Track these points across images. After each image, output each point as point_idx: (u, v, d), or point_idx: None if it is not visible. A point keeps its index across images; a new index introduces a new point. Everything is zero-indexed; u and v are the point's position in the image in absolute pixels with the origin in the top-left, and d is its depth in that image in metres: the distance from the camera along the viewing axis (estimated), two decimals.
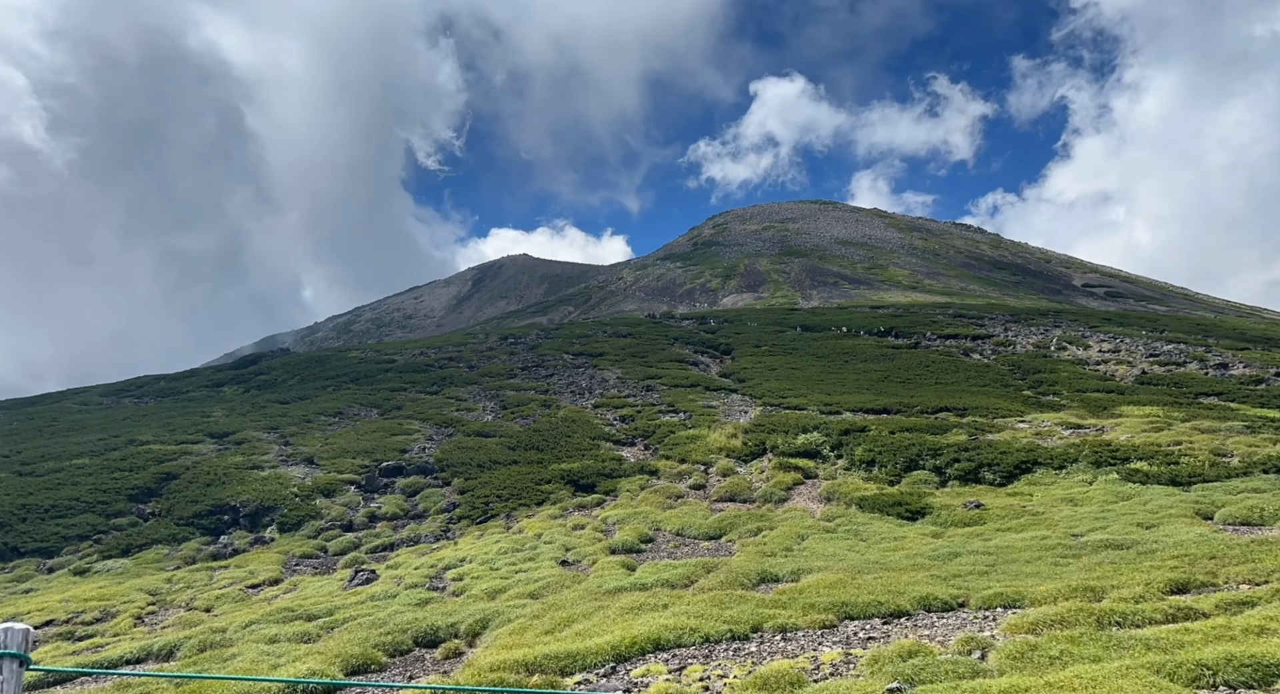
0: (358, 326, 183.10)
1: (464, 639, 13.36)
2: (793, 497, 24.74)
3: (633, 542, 20.54)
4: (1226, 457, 23.03)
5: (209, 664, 13.31)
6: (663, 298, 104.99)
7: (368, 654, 12.36)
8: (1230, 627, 8.31)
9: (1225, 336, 50.87)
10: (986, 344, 49.46)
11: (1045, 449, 25.33)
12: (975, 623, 10.35)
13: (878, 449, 26.87)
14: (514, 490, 26.96)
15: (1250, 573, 11.36)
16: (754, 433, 30.78)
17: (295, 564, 22.84)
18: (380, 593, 17.87)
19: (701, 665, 9.42)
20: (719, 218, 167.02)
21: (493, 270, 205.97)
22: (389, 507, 26.84)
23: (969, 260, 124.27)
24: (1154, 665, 7.10)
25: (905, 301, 75.50)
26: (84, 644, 16.59)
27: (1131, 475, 21.99)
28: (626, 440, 32.94)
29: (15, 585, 22.26)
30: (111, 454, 32.23)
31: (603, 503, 25.46)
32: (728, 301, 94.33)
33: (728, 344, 52.79)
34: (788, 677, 8.13)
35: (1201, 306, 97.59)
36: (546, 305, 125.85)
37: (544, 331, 61.82)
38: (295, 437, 34.42)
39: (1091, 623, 9.10)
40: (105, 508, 27.05)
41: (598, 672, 9.63)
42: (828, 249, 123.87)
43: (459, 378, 45.62)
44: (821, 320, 60.01)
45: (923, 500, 22.14)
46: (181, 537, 25.34)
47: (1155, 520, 17.52)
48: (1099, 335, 50.93)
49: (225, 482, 28.74)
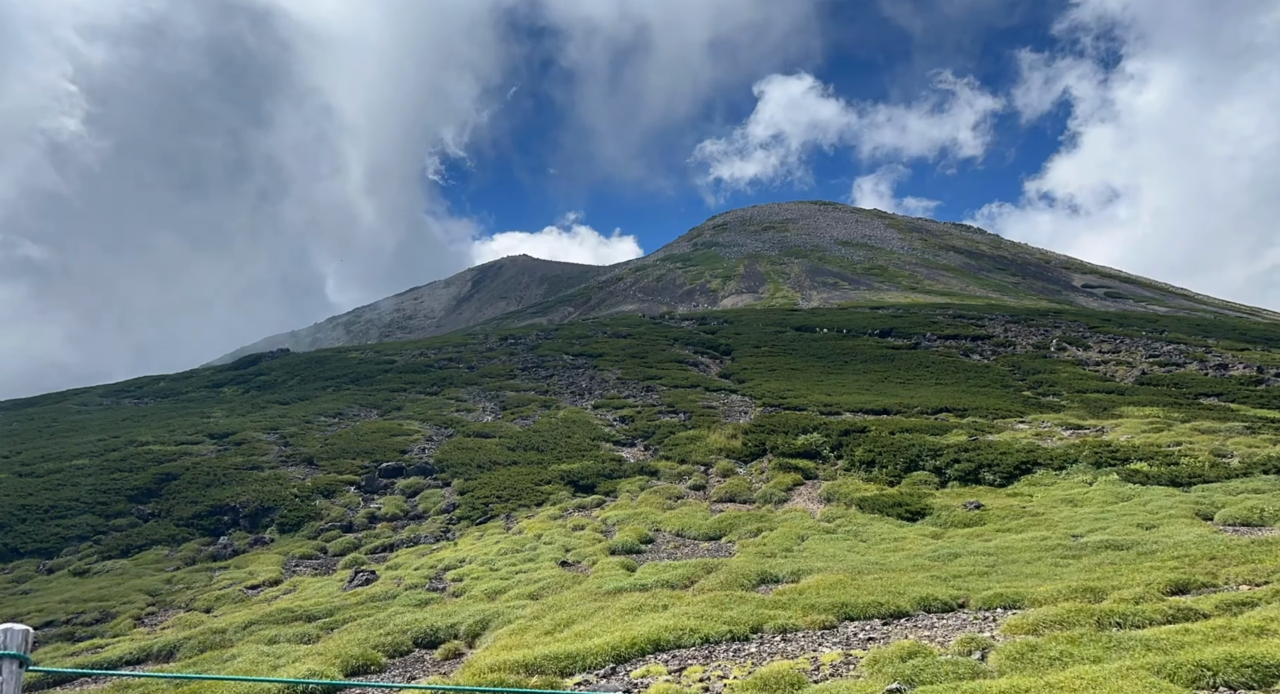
0: (357, 327, 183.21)
1: (464, 640, 13.35)
2: (793, 497, 24.74)
3: (633, 542, 20.53)
4: (1226, 457, 23.02)
5: (209, 665, 13.31)
6: (663, 298, 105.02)
7: (367, 655, 12.36)
8: (1230, 627, 8.30)
9: (1225, 337, 50.87)
10: (986, 345, 49.46)
11: (1045, 450, 25.33)
12: (975, 624, 10.35)
13: (878, 450, 26.87)
14: (514, 491, 26.95)
15: (1250, 573, 11.36)
16: (754, 433, 30.78)
17: (295, 565, 22.83)
18: (380, 593, 17.87)
19: (701, 666, 9.42)
20: (719, 218, 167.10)
21: (492, 271, 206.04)
22: (389, 507, 26.84)
23: (969, 261, 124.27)
24: (1154, 666, 7.09)
25: (905, 302, 75.51)
26: (84, 645, 16.59)
27: (1131, 476, 21.99)
28: (626, 441, 32.94)
29: (15, 586, 22.25)
30: (111, 455, 32.22)
31: (603, 503, 25.45)
32: (728, 302, 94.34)
33: (728, 345, 52.78)
34: (788, 677, 8.13)
35: (1202, 306, 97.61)
36: (546, 306, 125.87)
37: (544, 332, 61.83)
38: (295, 437, 34.41)
39: (1091, 624, 9.10)
40: (105, 509, 27.04)
41: (598, 672, 9.63)
42: (828, 250, 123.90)
43: (459, 378, 45.62)
44: (821, 321, 60.01)
45: (923, 501, 22.14)
46: (181, 537, 25.33)
47: (1155, 521, 17.51)
48: (1099, 336, 50.94)
49: (225, 482, 28.73)
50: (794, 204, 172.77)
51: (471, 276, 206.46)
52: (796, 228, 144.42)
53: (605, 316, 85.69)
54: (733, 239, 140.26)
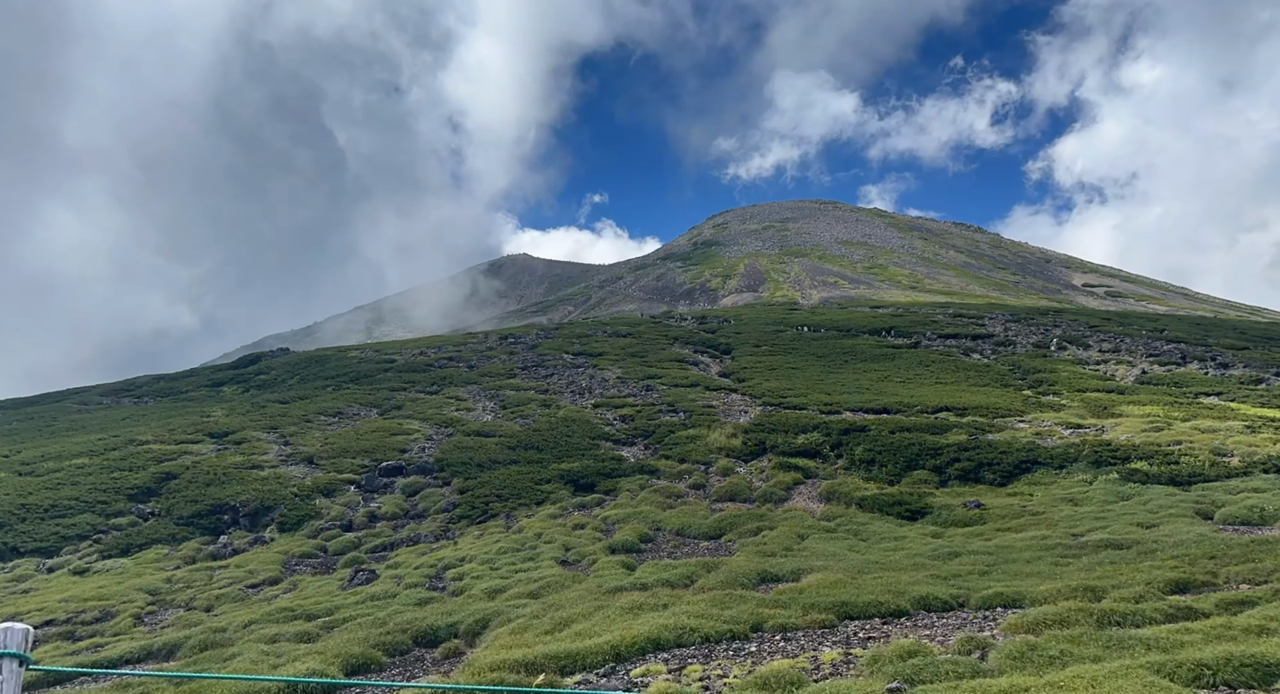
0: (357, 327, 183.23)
1: (464, 639, 13.35)
2: (793, 496, 24.74)
3: (633, 541, 20.54)
4: (1226, 456, 23.03)
5: (209, 664, 13.31)
6: (663, 297, 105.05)
7: (368, 654, 12.36)
8: (1230, 626, 8.31)
9: (1225, 336, 50.88)
10: (986, 344, 49.46)
11: (1045, 449, 25.34)
12: (975, 623, 10.36)
13: (878, 449, 26.88)
14: (514, 490, 26.95)
15: (1250, 573, 11.37)
16: (754, 432, 30.78)
17: (295, 564, 22.83)
18: (380, 592, 17.87)
19: (701, 665, 9.42)
20: (719, 217, 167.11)
21: (493, 270, 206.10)
22: (389, 506, 26.84)
23: (969, 260, 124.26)
24: (1154, 665, 7.09)
25: (905, 301, 75.51)
26: (84, 644, 16.59)
27: (1131, 475, 21.99)
28: (626, 440, 32.94)
29: (15, 585, 22.25)
30: (111, 454, 32.23)
31: (603, 502, 25.45)
32: (728, 301, 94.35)
33: (728, 344, 52.78)
34: (788, 677, 8.12)
35: (1202, 305, 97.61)
36: (546, 305, 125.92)
37: (544, 331, 61.82)
38: (295, 436, 34.42)
39: (1092, 623, 9.10)
40: (105, 508, 27.04)
41: (598, 672, 9.63)
42: (828, 248, 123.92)
43: (459, 378, 45.61)
44: (821, 320, 60.01)
45: (923, 500, 22.14)
46: (181, 536, 25.34)
47: (1155, 520, 17.52)
48: (1099, 335, 50.94)
49: (225, 481, 28.73)
50: (794, 203, 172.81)
51: (472, 275, 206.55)
52: (797, 227, 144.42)
53: (605, 315, 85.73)
54: (733, 238, 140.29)
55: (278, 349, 60.97)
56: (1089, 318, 59.07)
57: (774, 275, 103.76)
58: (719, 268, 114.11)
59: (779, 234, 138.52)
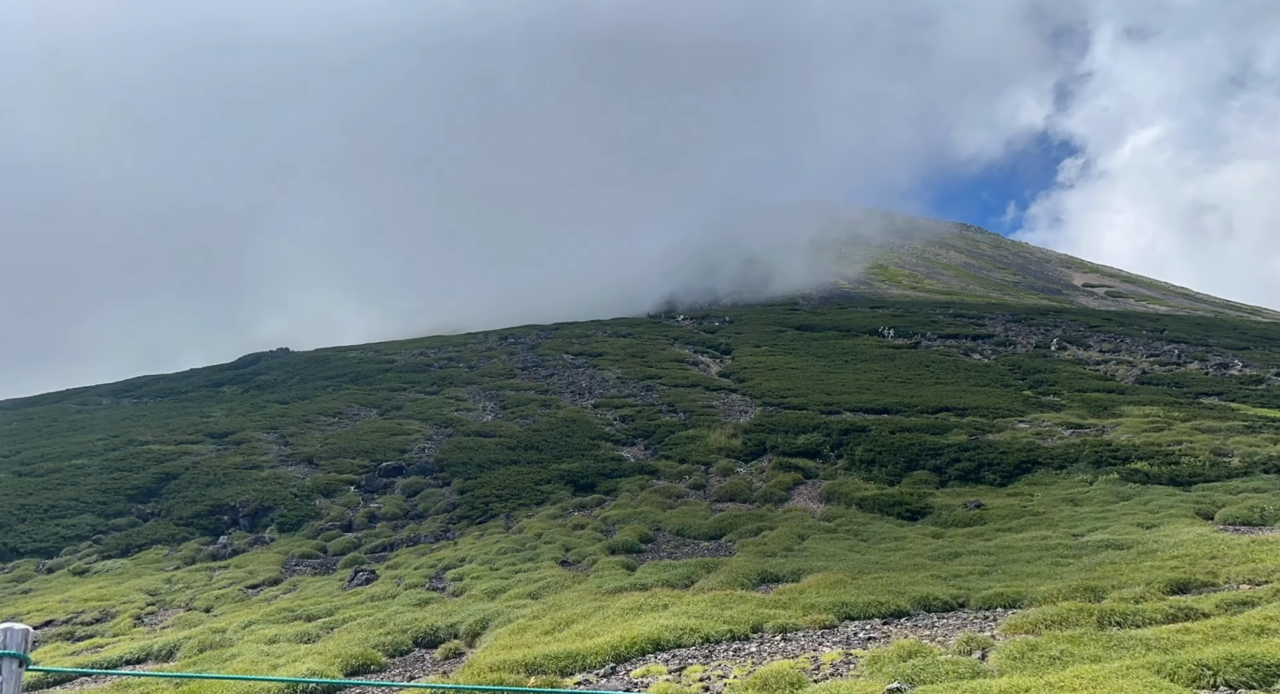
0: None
1: (464, 639, 13.35)
2: (793, 496, 24.74)
3: (633, 542, 20.53)
4: (1227, 456, 23.03)
5: (209, 664, 13.31)
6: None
7: (368, 654, 12.36)
8: (1230, 627, 8.31)
9: (1225, 336, 50.90)
10: (986, 344, 49.47)
11: (1045, 449, 25.34)
12: (975, 623, 10.36)
13: (878, 449, 26.88)
14: (514, 490, 26.94)
15: (1250, 573, 11.37)
16: (754, 433, 30.78)
17: (295, 564, 22.83)
18: (380, 593, 17.87)
19: (701, 666, 9.42)
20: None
21: None
22: (389, 507, 26.84)
23: (969, 260, 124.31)
24: (1154, 665, 7.09)
25: (905, 301, 75.52)
26: (84, 644, 16.58)
27: (1132, 475, 21.99)
28: (626, 440, 32.93)
29: (14, 586, 22.26)
30: (111, 454, 32.23)
31: (603, 503, 25.44)
32: (727, 301, 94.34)
33: (728, 344, 52.77)
34: (788, 677, 8.12)
35: (1202, 305, 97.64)
36: None
37: (543, 331, 61.80)
38: (295, 437, 34.42)
39: (1092, 623, 9.10)
40: (105, 508, 27.04)
41: (598, 672, 9.63)
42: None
43: (458, 378, 45.61)
44: (821, 320, 60.00)
45: (923, 500, 22.15)
46: (181, 537, 25.34)
47: (1156, 520, 17.51)
48: (1099, 335, 50.96)
49: (225, 482, 28.73)
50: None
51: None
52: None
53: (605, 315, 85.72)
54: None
55: (278, 349, 60.90)
56: (1089, 318, 59.08)
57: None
58: None
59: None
